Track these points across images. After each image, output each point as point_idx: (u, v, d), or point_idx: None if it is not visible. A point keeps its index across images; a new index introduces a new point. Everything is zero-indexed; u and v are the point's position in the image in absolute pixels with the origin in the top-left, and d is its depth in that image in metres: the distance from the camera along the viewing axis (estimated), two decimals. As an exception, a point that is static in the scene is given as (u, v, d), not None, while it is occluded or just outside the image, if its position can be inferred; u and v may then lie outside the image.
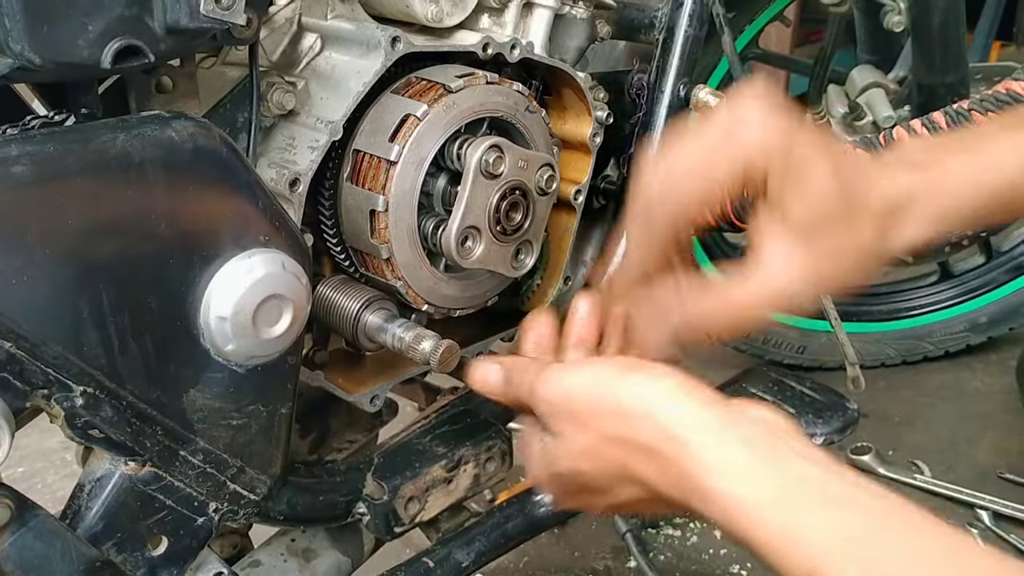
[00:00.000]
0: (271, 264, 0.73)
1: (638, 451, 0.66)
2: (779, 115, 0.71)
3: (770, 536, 0.58)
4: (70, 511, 0.73)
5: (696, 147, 0.73)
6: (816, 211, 0.71)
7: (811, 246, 0.72)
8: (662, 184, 0.73)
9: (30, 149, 0.61)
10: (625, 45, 1.19)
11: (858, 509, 0.58)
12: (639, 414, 0.66)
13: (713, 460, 0.62)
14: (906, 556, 0.55)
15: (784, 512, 0.59)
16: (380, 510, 0.93)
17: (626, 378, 0.68)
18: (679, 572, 1.50)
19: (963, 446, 1.75)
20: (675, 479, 0.64)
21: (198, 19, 0.66)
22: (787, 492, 0.59)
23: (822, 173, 0.71)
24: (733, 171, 0.71)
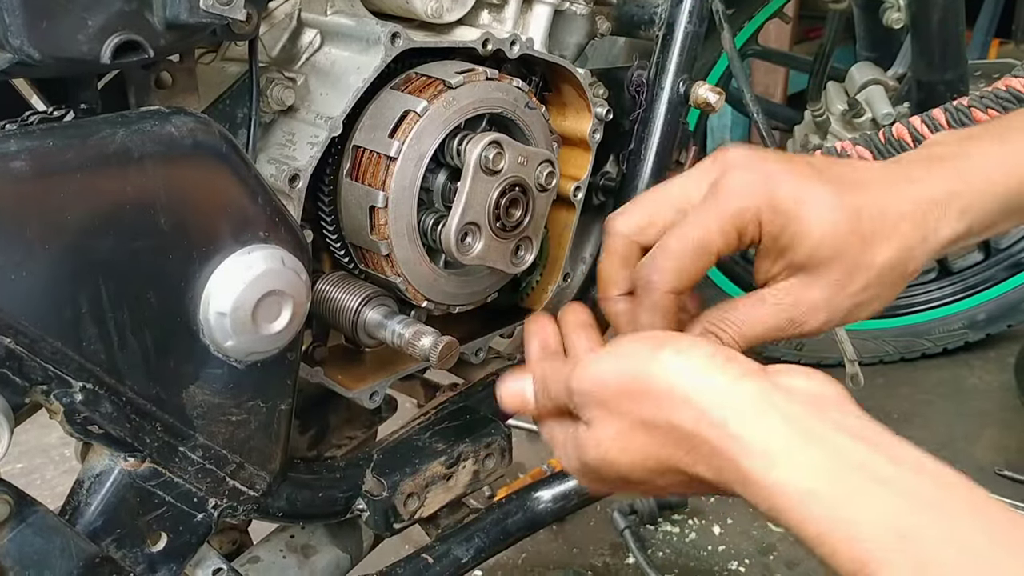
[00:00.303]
0: (271, 260, 0.73)
1: (672, 436, 0.62)
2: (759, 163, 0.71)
3: (819, 530, 0.55)
4: (69, 507, 0.73)
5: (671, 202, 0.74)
6: (821, 245, 0.70)
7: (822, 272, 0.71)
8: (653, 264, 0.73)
9: (29, 144, 0.61)
10: (625, 41, 1.19)
11: (910, 496, 0.54)
12: (671, 395, 0.62)
13: (754, 445, 0.58)
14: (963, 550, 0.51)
15: (832, 504, 0.55)
16: (379, 506, 0.93)
17: (655, 356, 0.64)
18: (677, 568, 1.50)
19: (961, 443, 1.75)
20: (714, 466, 0.60)
21: (198, 14, 0.65)
22: (834, 480, 0.55)
23: (820, 208, 0.70)
24: (726, 233, 0.71)
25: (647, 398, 0.63)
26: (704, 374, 0.61)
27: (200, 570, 0.82)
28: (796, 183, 0.70)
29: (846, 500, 0.55)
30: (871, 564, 0.52)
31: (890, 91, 1.73)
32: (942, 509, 0.54)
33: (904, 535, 0.52)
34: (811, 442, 0.57)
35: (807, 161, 0.73)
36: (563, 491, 1.06)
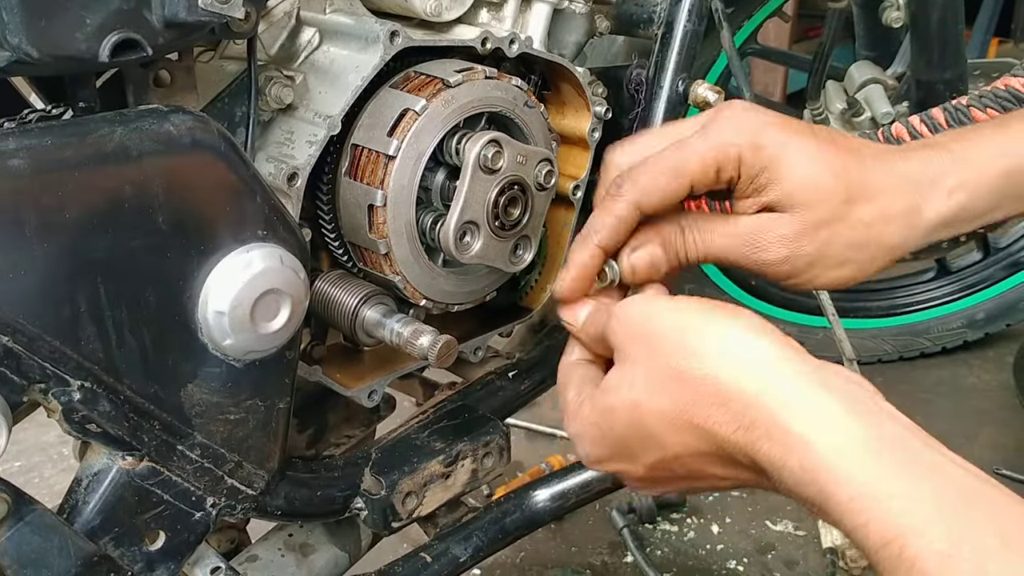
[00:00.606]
0: (269, 259, 0.73)
1: (706, 385, 0.61)
2: (757, 111, 0.72)
3: (851, 495, 0.54)
4: (67, 505, 0.73)
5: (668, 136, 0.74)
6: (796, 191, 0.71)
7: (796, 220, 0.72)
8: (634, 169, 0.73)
9: (28, 143, 0.61)
10: (624, 40, 1.19)
11: (951, 480, 0.54)
12: (717, 346, 0.62)
13: (799, 405, 0.57)
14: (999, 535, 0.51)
15: (871, 471, 0.54)
16: (378, 505, 0.92)
17: (709, 313, 0.64)
18: (676, 567, 1.50)
19: (960, 442, 1.75)
20: (748, 423, 0.59)
21: (196, 13, 0.65)
22: (877, 450, 0.55)
23: (803, 158, 0.71)
24: (705, 160, 0.71)
25: (692, 348, 0.62)
26: (756, 338, 0.62)
27: (198, 568, 0.82)
28: (786, 133, 0.71)
29: (885, 470, 0.54)
30: (904, 537, 0.51)
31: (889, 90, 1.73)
32: (982, 497, 0.53)
33: (942, 511, 0.51)
34: (856, 412, 0.57)
35: (806, 124, 0.74)
36: (561, 490, 1.06)
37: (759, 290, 1.88)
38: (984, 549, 0.50)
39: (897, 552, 0.51)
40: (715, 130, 0.72)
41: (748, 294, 1.87)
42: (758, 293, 1.88)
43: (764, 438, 0.58)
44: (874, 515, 0.52)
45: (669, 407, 0.63)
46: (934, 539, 0.50)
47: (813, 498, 0.56)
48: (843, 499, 0.54)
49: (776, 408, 0.57)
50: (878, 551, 0.52)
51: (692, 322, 0.64)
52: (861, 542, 0.53)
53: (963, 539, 0.50)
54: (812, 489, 0.55)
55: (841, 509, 0.54)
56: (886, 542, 0.52)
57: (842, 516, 0.54)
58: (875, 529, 0.52)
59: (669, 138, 0.74)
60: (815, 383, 0.58)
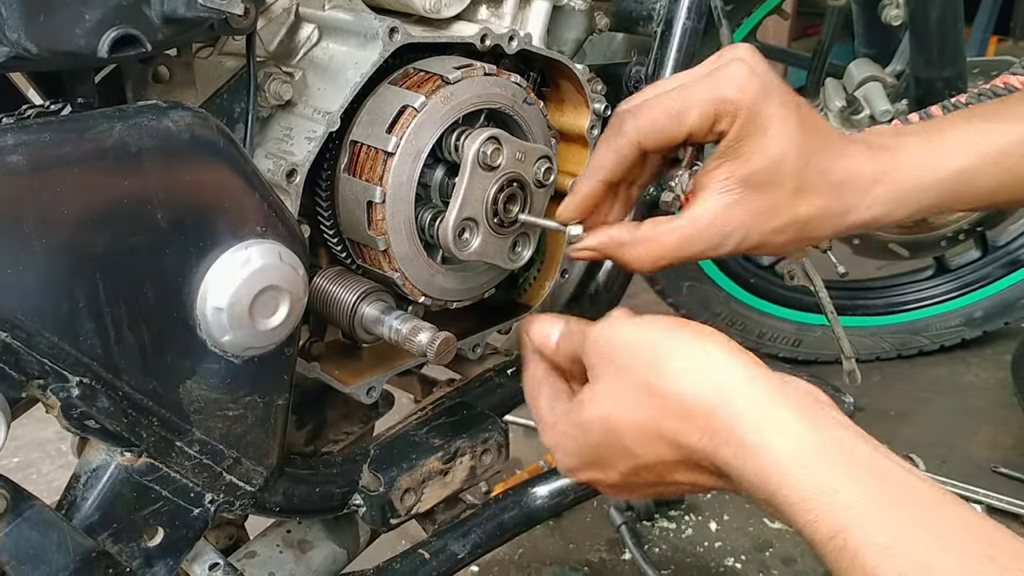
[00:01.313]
0: (268, 255, 0.73)
1: (674, 400, 0.66)
2: (762, 72, 0.77)
3: (801, 495, 0.58)
4: (66, 502, 0.73)
5: (678, 81, 0.79)
6: (769, 170, 0.77)
7: (751, 202, 0.79)
8: (638, 108, 0.79)
9: (26, 138, 0.61)
10: (623, 37, 1.19)
11: (892, 479, 0.59)
12: (684, 364, 0.66)
13: (753, 414, 0.62)
14: (934, 530, 0.55)
15: (818, 472, 0.59)
16: (376, 502, 0.93)
17: (673, 332, 0.69)
18: (674, 564, 1.51)
19: (958, 440, 1.75)
20: (710, 431, 0.64)
21: (195, 8, 0.65)
22: (824, 453, 0.60)
23: (787, 135, 0.77)
24: (705, 112, 0.77)
25: (657, 367, 0.67)
26: (717, 354, 0.66)
27: (197, 565, 0.82)
28: (780, 105, 0.77)
29: (831, 471, 0.59)
30: (848, 530, 0.56)
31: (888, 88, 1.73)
32: (920, 496, 0.58)
33: (881, 505, 0.56)
34: (805, 421, 0.61)
35: (793, 96, 0.79)
36: (560, 487, 1.06)
37: (758, 288, 1.88)
38: (919, 542, 0.54)
39: (841, 544, 0.56)
40: (721, 81, 0.76)
41: (747, 291, 1.87)
42: (757, 291, 1.88)
43: (724, 445, 0.63)
44: (821, 512, 0.57)
45: (640, 421, 0.68)
46: (875, 532, 0.55)
47: (768, 499, 0.61)
48: (794, 499, 0.59)
49: (733, 419, 0.63)
50: (825, 544, 0.57)
51: (660, 342, 0.69)
52: (810, 537, 0.58)
53: (901, 533, 0.55)
54: (767, 491, 0.60)
55: (792, 508, 0.59)
56: (832, 535, 0.56)
57: (793, 514, 0.59)
58: (822, 525, 0.57)
59: (677, 80, 0.79)
60: (769, 394, 0.63)
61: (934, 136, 0.81)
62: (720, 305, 1.85)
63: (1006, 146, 0.80)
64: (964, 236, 1.86)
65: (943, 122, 0.84)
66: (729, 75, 0.77)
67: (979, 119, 0.82)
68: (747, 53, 0.78)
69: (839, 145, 0.80)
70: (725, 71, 0.77)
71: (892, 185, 0.80)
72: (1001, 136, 0.80)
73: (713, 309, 1.84)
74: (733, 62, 0.77)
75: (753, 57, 0.78)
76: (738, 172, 0.78)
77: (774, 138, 0.77)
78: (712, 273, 1.83)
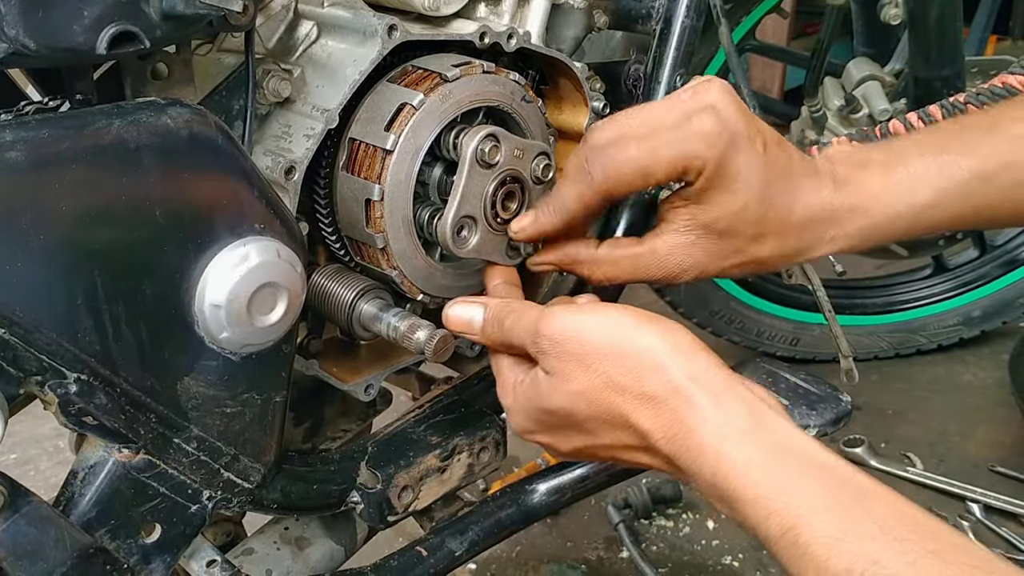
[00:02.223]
0: (266, 252, 0.73)
1: (641, 399, 0.68)
2: (733, 121, 0.78)
3: (755, 494, 0.61)
4: (63, 498, 0.73)
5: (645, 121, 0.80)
6: (730, 219, 0.80)
7: (711, 245, 0.82)
8: (606, 154, 0.80)
9: (24, 135, 0.61)
10: (622, 35, 1.19)
11: (841, 477, 0.62)
12: (652, 365, 0.68)
13: (713, 417, 0.65)
14: (879, 523, 0.58)
15: (773, 472, 0.62)
16: (374, 499, 0.93)
17: (643, 327, 0.71)
18: (671, 562, 1.51)
19: (955, 439, 1.75)
20: (672, 431, 0.67)
21: (194, 5, 0.65)
22: (778, 454, 0.63)
23: (751, 187, 0.79)
24: (674, 167, 0.78)
25: (627, 363, 0.69)
26: (684, 355, 0.69)
27: (194, 561, 0.82)
28: (748, 156, 0.78)
29: (785, 471, 0.62)
30: (799, 526, 0.59)
31: (887, 87, 1.73)
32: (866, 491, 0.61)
33: (831, 502, 0.59)
34: (761, 424, 0.65)
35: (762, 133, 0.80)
36: (557, 485, 1.06)
37: (756, 286, 1.88)
38: (865, 535, 0.57)
39: (793, 540, 0.59)
40: (691, 136, 0.77)
41: (745, 290, 1.87)
42: (755, 289, 1.88)
43: (684, 449, 0.66)
44: (774, 510, 0.60)
45: (604, 414, 0.71)
46: (823, 527, 0.58)
47: (724, 499, 0.64)
48: (748, 498, 0.62)
49: (694, 423, 0.66)
50: (778, 540, 0.60)
51: (627, 341, 0.70)
52: (764, 533, 0.61)
53: (848, 527, 0.58)
54: (722, 491, 0.64)
55: (746, 507, 0.62)
56: (784, 531, 0.59)
57: (748, 513, 0.62)
58: (775, 522, 0.60)
59: (648, 123, 0.80)
60: (727, 398, 0.66)
61: (894, 171, 0.83)
62: (718, 303, 1.85)
63: (963, 183, 0.82)
64: (962, 235, 1.86)
65: (904, 151, 0.85)
66: (701, 130, 0.77)
67: (937, 151, 0.83)
68: (719, 97, 0.78)
69: (803, 184, 0.82)
70: (696, 124, 0.77)
71: (852, 223, 0.83)
72: (958, 171, 0.82)
73: (711, 307, 1.84)
74: (705, 112, 0.77)
75: (725, 101, 0.78)
76: (700, 217, 0.81)
77: (738, 191, 0.79)
78: (715, 276, 1.83)
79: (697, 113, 0.78)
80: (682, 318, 1.84)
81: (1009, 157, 0.82)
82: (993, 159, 0.82)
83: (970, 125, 0.86)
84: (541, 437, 0.78)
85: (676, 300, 1.82)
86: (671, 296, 1.82)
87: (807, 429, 1.04)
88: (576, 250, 0.87)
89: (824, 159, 0.85)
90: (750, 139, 0.78)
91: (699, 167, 0.78)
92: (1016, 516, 1.53)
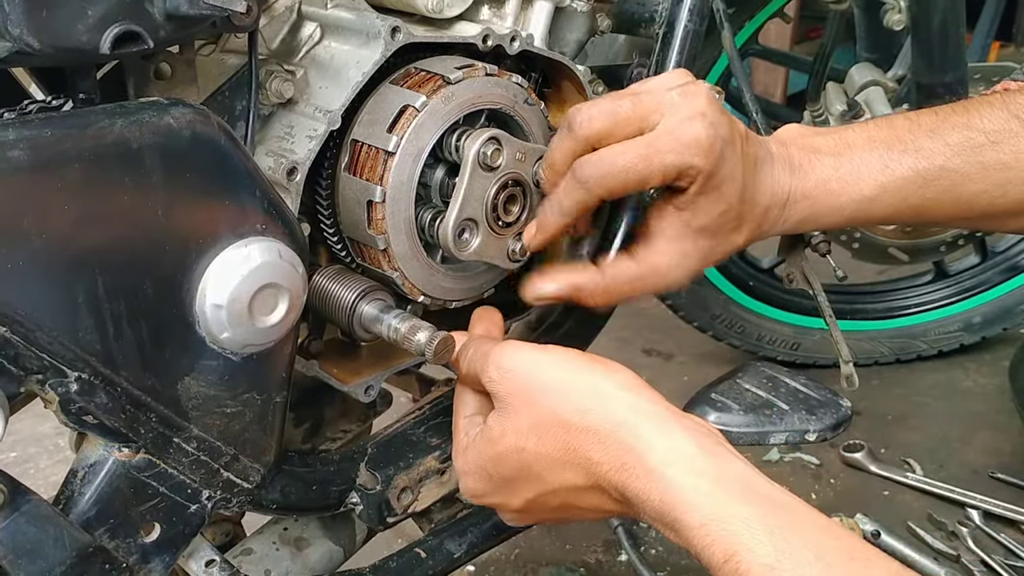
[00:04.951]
0: (268, 253, 0.73)
1: (587, 433, 0.70)
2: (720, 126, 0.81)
3: (701, 520, 0.63)
4: (63, 497, 0.73)
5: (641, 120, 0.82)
6: (719, 220, 0.84)
7: (704, 246, 0.85)
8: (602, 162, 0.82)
9: (27, 134, 0.61)
10: (625, 39, 1.19)
11: (780, 507, 0.64)
12: (596, 400, 0.71)
13: (661, 446, 0.67)
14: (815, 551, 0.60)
15: (717, 500, 0.64)
16: (373, 500, 0.93)
17: (588, 367, 0.74)
18: (670, 566, 1.51)
19: (955, 445, 1.75)
20: (620, 460, 0.69)
21: (198, 5, 0.65)
22: (722, 483, 0.65)
23: (736, 187, 0.83)
24: (668, 175, 0.81)
25: (571, 399, 0.72)
26: (627, 391, 0.71)
27: (193, 561, 0.82)
28: (733, 160, 0.82)
29: (728, 499, 0.64)
30: (740, 553, 0.61)
31: (890, 93, 1.73)
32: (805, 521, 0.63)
33: (771, 529, 0.61)
34: (706, 454, 0.67)
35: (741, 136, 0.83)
36: (557, 487, 1.06)
37: (757, 291, 1.88)
38: (802, 561, 0.60)
39: (735, 567, 0.61)
40: (686, 144, 0.80)
41: (745, 294, 1.87)
42: (756, 294, 1.88)
43: (633, 477, 0.68)
44: (717, 536, 0.62)
45: (553, 451, 0.72)
46: (763, 554, 0.60)
47: (670, 524, 0.66)
48: (694, 524, 0.64)
49: (642, 452, 0.68)
50: (720, 567, 0.62)
51: (575, 378, 0.73)
52: (708, 560, 0.63)
53: (786, 554, 0.60)
54: (671, 516, 0.65)
55: (692, 533, 0.64)
56: (726, 558, 0.61)
57: (692, 539, 0.64)
58: (718, 548, 0.62)
59: (637, 115, 0.82)
60: (672, 429, 0.68)
61: (844, 162, 0.87)
62: (719, 307, 1.85)
63: (903, 180, 0.87)
64: (963, 241, 1.86)
65: (853, 142, 0.89)
66: (696, 139, 0.80)
67: (884, 147, 0.88)
68: (707, 104, 0.81)
69: (765, 171, 0.86)
70: (691, 133, 0.80)
71: (803, 205, 0.87)
72: (899, 168, 0.87)
73: (712, 311, 1.84)
74: (697, 119, 0.80)
75: (712, 107, 0.81)
76: (693, 223, 0.84)
77: (726, 193, 0.83)
78: (711, 276, 1.83)
79: (690, 120, 0.80)
80: (683, 322, 1.85)
81: (943, 161, 0.86)
82: (930, 161, 0.86)
83: (919, 125, 0.89)
84: (492, 498, 0.80)
85: (677, 304, 1.82)
86: (672, 299, 1.82)
87: (807, 434, 1.04)
88: (576, 279, 0.88)
89: (776, 142, 0.89)
90: (734, 144, 0.82)
91: (693, 175, 0.81)
92: (1016, 523, 1.53)
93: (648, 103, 0.82)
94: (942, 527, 1.53)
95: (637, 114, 0.82)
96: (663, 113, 0.81)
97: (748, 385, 1.11)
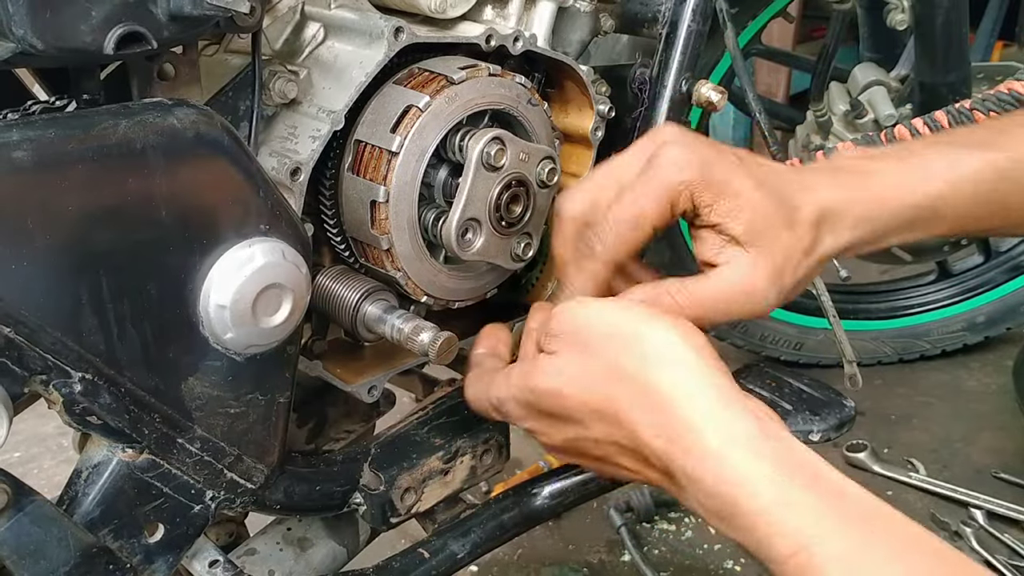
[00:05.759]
0: (271, 253, 0.73)
1: (642, 395, 0.65)
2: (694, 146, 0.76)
3: (760, 510, 0.58)
4: (67, 497, 0.73)
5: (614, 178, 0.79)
6: (754, 221, 0.75)
7: (762, 250, 0.76)
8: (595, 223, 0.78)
9: (31, 134, 0.61)
10: (628, 39, 1.19)
11: (851, 499, 0.59)
12: (663, 361, 0.66)
13: (719, 423, 0.62)
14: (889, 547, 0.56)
15: (780, 489, 0.59)
16: (376, 500, 0.93)
17: (654, 320, 0.68)
18: (673, 566, 1.51)
19: (959, 445, 1.75)
20: (671, 432, 0.64)
21: (201, 6, 0.65)
22: (786, 470, 0.60)
23: (748, 187, 0.75)
24: (660, 205, 0.75)
25: (633, 350, 0.66)
26: (697, 356, 0.66)
27: (197, 562, 0.82)
28: (725, 166, 0.76)
29: (793, 488, 0.59)
30: (811, 547, 0.56)
31: (893, 92, 1.73)
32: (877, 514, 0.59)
33: (842, 526, 0.57)
34: (769, 437, 0.62)
35: (732, 151, 0.78)
36: (560, 488, 1.06)
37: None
38: (876, 559, 0.55)
39: (804, 561, 0.56)
40: (660, 173, 0.76)
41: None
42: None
43: (682, 452, 0.62)
44: (782, 527, 0.57)
45: (600, 400, 0.67)
46: (836, 548, 0.56)
47: (720, 510, 0.61)
48: (755, 508, 0.59)
49: (699, 427, 0.62)
50: (786, 560, 0.57)
51: (637, 328, 0.68)
52: (767, 553, 0.58)
53: (859, 549, 0.56)
54: (721, 501, 0.60)
55: (750, 521, 0.59)
56: (793, 552, 0.57)
57: (749, 528, 0.59)
58: (782, 540, 0.57)
59: (614, 181, 0.79)
60: (735, 408, 0.63)
61: (906, 164, 0.80)
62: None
63: (975, 173, 0.80)
64: (967, 241, 1.86)
65: (914, 146, 0.83)
66: (667, 160, 0.76)
67: (949, 147, 0.82)
68: (676, 133, 0.78)
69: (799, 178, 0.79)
70: (660, 159, 0.76)
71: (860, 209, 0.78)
72: (971, 160, 0.80)
73: (715, 311, 1.84)
74: (664, 147, 0.77)
75: (682, 135, 0.77)
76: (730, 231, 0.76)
77: (739, 191, 0.75)
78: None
79: (659, 149, 0.77)
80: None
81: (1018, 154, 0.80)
82: (1005, 153, 0.80)
83: (982, 127, 0.86)
84: (531, 423, 0.75)
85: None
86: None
87: (810, 434, 1.04)
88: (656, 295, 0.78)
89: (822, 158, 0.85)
90: (721, 154, 0.77)
91: (683, 190, 0.75)
92: (1019, 522, 1.53)
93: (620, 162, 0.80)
94: (946, 527, 1.53)
95: (610, 174, 0.80)
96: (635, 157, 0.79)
97: (751, 386, 1.11)
